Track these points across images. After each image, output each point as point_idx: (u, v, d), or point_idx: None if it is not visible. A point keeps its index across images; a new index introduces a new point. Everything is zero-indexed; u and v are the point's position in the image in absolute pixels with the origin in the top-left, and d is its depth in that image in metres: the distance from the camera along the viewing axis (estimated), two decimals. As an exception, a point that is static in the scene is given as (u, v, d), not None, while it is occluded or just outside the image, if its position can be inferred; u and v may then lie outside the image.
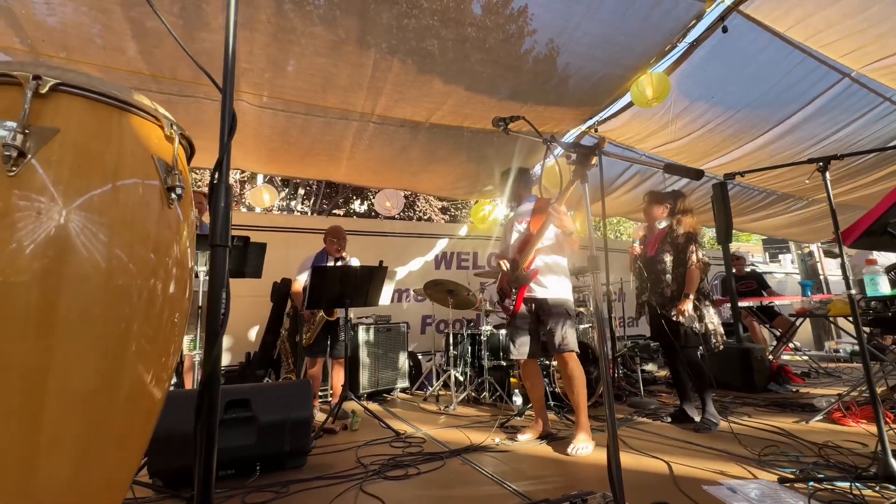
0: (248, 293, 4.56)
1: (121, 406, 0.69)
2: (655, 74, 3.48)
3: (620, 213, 7.02)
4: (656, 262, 2.91)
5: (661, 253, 2.89)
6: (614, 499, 0.96)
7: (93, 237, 0.67)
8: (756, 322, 5.33)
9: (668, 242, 2.89)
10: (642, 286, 3.03)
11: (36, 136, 0.65)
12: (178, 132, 0.82)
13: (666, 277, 2.86)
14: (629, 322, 7.47)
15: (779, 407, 3.26)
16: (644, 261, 3.02)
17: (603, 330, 1.14)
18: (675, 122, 4.19)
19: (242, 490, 1.91)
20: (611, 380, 1.09)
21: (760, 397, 3.63)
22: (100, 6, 2.53)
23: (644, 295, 3.01)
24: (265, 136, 3.83)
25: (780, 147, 4.63)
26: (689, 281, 2.77)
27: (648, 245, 3.02)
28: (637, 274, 3.09)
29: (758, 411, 3.16)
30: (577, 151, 1.24)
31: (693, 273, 2.77)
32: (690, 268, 2.77)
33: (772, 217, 7.11)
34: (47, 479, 0.61)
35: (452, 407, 3.57)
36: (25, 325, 0.60)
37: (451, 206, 12.19)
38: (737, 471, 1.97)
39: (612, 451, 0.98)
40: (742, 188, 5.88)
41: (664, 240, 2.91)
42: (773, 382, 3.98)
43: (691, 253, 2.79)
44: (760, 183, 5.74)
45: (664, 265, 2.87)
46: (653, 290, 2.94)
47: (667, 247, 2.88)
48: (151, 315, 0.75)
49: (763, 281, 5.90)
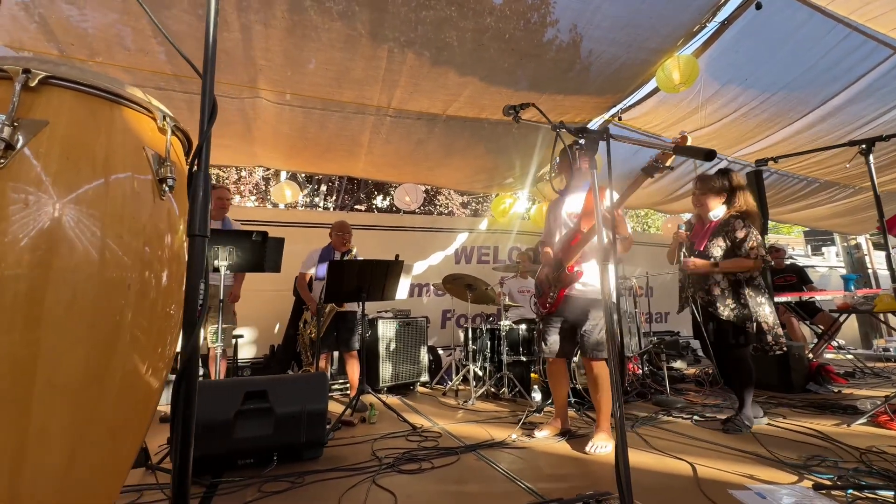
0: (271, 287, 4.68)
1: (113, 396, 0.69)
2: (683, 57, 3.31)
3: (647, 204, 6.78)
4: (705, 258, 2.61)
5: (712, 247, 2.59)
6: (621, 499, 0.91)
7: (83, 229, 0.67)
8: (794, 318, 5.04)
9: (721, 235, 2.59)
10: (686, 281, 2.76)
11: (25, 128, 0.65)
12: (171, 124, 0.82)
13: (715, 275, 2.58)
14: (656, 317, 7.23)
15: (818, 408, 3.07)
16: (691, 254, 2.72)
17: (611, 325, 1.09)
18: (705, 108, 3.98)
19: (260, 479, 1.95)
20: (619, 377, 1.03)
21: (798, 398, 3.42)
22: (126, 10, 2.61)
23: (690, 290, 2.73)
24: (284, 132, 3.89)
25: (821, 131, 4.33)
26: (734, 261, 2.49)
27: (698, 238, 2.70)
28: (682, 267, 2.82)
29: (794, 412, 2.98)
30: (584, 137, 1.18)
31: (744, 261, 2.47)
32: (746, 260, 2.47)
33: (814, 207, 6.69)
34: (38, 469, 0.62)
35: (471, 402, 3.54)
36: (13, 316, 0.60)
37: (472, 200, 12.12)
38: (768, 475, 1.86)
39: (620, 450, 0.93)
40: (780, 176, 5.55)
41: (717, 232, 2.61)
42: (813, 382, 3.75)
43: (751, 248, 2.48)
44: (800, 170, 5.40)
45: (713, 260, 2.58)
46: (699, 288, 2.66)
47: (719, 240, 2.59)
48: (145, 306, 0.75)
49: (804, 275, 5.54)
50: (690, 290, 2.73)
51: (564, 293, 2.45)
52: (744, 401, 2.55)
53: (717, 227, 2.63)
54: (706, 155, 0.94)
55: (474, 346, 4.13)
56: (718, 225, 2.63)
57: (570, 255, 2.37)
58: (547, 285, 2.55)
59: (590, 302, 2.41)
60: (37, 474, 0.62)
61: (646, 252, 7.45)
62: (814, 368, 3.84)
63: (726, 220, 2.60)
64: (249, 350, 5.02)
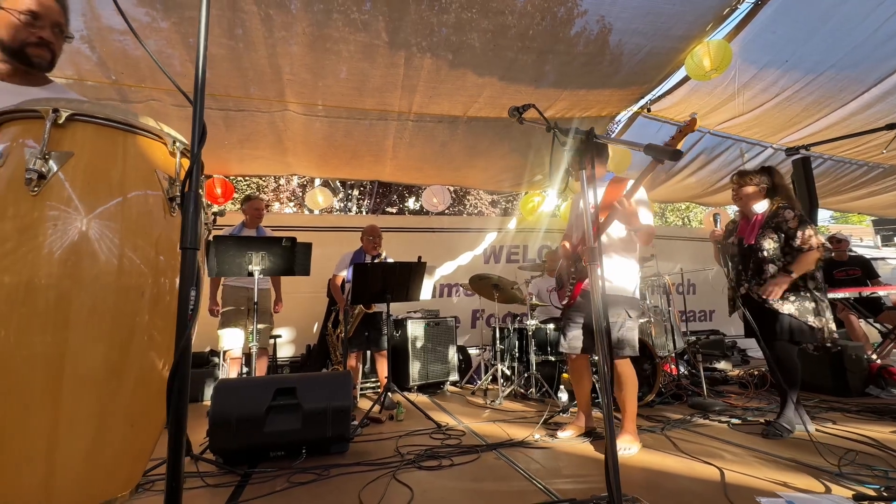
0: (307, 290, 4.90)
1: (130, 389, 0.79)
2: (713, 43, 3.15)
3: (686, 197, 6.46)
4: (758, 251, 2.52)
5: (764, 240, 2.50)
6: (609, 500, 0.90)
7: (103, 243, 0.78)
8: (855, 316, 4.62)
9: (771, 227, 2.50)
10: (738, 278, 2.64)
11: (54, 160, 0.76)
12: (180, 148, 0.92)
13: (769, 267, 2.48)
14: (700, 315, 6.88)
15: (875, 414, 2.83)
16: (741, 250, 2.63)
17: (600, 326, 1.08)
18: (743, 94, 3.76)
19: (289, 470, 2.07)
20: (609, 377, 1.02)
21: (854, 402, 3.16)
22: (168, 38, 2.85)
23: (742, 288, 2.60)
24: (313, 141, 4.08)
25: (881, 111, 3.97)
26: (801, 262, 2.37)
27: (746, 233, 2.62)
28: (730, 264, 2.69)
29: (847, 418, 2.76)
30: (574, 137, 1.17)
31: (809, 256, 2.36)
32: (809, 252, 2.37)
33: (880, 194, 6.11)
34: (69, 451, 0.72)
35: (498, 401, 3.55)
36: (45, 319, 0.71)
37: (501, 199, 12.04)
38: (804, 483, 1.75)
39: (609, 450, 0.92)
40: (834, 163, 5.12)
41: (766, 225, 2.52)
42: (873, 385, 3.45)
43: (809, 237, 2.37)
44: (858, 155, 4.96)
45: (767, 253, 2.48)
46: (752, 281, 2.55)
47: (770, 232, 2.49)
48: (160, 309, 0.84)
49: (870, 268, 5.03)
50: (743, 289, 2.59)
51: (582, 287, 2.41)
52: (787, 402, 2.41)
53: (765, 220, 2.53)
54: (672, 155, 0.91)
55: (502, 345, 4.12)
56: (766, 217, 2.53)
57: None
58: (566, 278, 2.53)
59: (609, 298, 2.35)
60: (68, 456, 0.72)
61: (686, 247, 7.10)
62: (875, 370, 3.53)
63: (774, 212, 2.51)
64: (288, 349, 5.28)
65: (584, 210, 1.17)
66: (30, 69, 1.29)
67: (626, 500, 1.52)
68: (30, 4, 1.22)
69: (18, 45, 1.23)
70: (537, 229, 6.19)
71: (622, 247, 2.39)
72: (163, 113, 3.42)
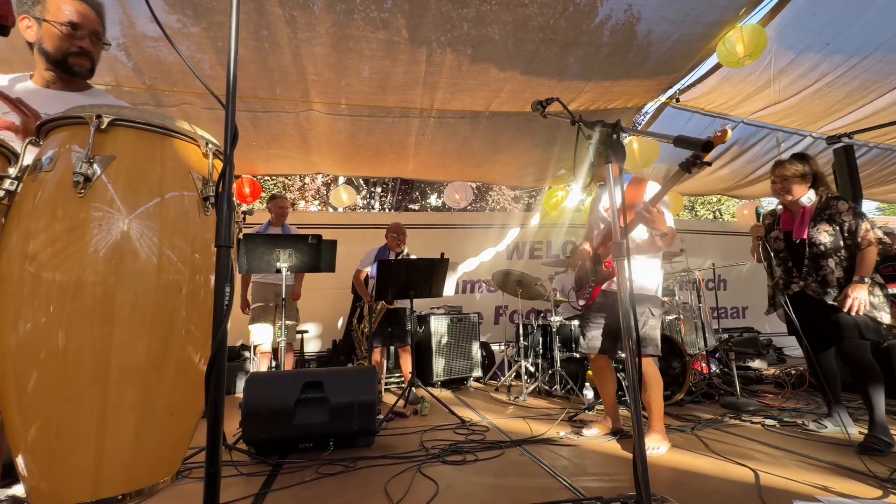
0: (332, 286, 5.01)
1: (170, 380, 0.83)
2: (747, 27, 3.01)
3: (718, 190, 6.23)
4: (813, 246, 2.37)
5: (818, 234, 2.34)
6: (637, 499, 0.89)
7: (145, 242, 0.82)
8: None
9: (824, 220, 2.35)
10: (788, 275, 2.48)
11: (98, 163, 0.81)
12: (212, 150, 0.95)
13: (828, 262, 2.32)
14: (732, 312, 6.63)
15: (927, 417, 2.66)
16: (789, 246, 2.48)
17: (628, 325, 1.05)
18: (779, 80, 3.59)
19: (318, 461, 2.13)
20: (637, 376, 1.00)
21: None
22: (198, 43, 2.95)
23: (795, 285, 2.44)
24: (336, 140, 4.14)
25: (933, 95, 3.70)
26: (864, 263, 2.22)
27: (793, 226, 2.46)
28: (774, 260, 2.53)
29: (895, 421, 2.61)
30: (599, 130, 1.15)
31: (870, 254, 2.22)
32: (868, 247, 2.22)
33: (931, 183, 5.73)
34: (115, 438, 0.77)
35: (522, 398, 3.54)
36: (92, 314, 0.75)
37: (524, 195, 11.91)
38: (847, 487, 1.67)
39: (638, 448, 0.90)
40: (881, 151, 4.83)
41: (818, 217, 2.37)
42: (924, 387, 3.24)
43: (867, 231, 2.23)
44: (907, 142, 4.65)
45: (825, 247, 2.33)
46: (809, 278, 2.38)
47: (824, 225, 2.34)
48: (196, 304, 0.88)
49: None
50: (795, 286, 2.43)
51: (601, 289, 2.37)
52: (875, 407, 2.16)
53: (816, 212, 2.36)
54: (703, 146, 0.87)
55: (525, 342, 4.10)
56: (817, 209, 2.37)
57: (607, 251, 2.30)
58: (585, 280, 2.49)
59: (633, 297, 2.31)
60: (115, 443, 0.77)
61: (717, 242, 6.85)
62: (926, 371, 3.31)
63: (826, 203, 2.35)
64: (315, 344, 5.41)
65: (611, 205, 1.15)
66: (72, 77, 1.37)
67: (655, 499, 1.49)
68: (70, 16, 1.29)
69: (62, 56, 1.31)
70: (560, 224, 6.10)
71: (645, 248, 2.34)
72: (194, 115, 3.54)
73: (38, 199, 0.79)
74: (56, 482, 0.74)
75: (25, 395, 0.73)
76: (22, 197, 0.82)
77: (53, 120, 0.85)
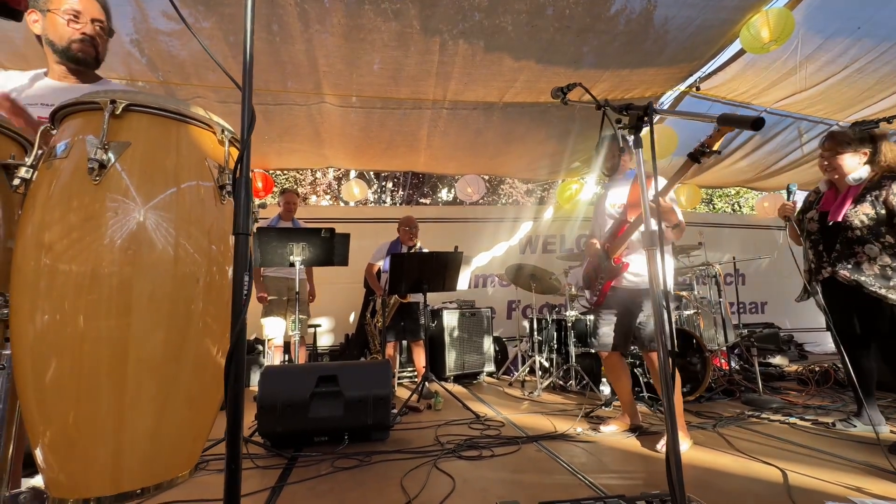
0: (345, 280, 5.00)
1: (188, 372, 0.81)
2: (773, 11, 2.90)
3: (738, 182, 6.06)
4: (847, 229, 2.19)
5: (855, 216, 2.15)
6: (672, 499, 0.85)
7: (161, 232, 0.79)
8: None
9: (868, 202, 2.14)
10: (819, 259, 2.33)
11: (113, 150, 0.78)
12: (228, 136, 0.92)
13: (865, 248, 2.13)
14: (750, 307, 6.48)
15: (961, 416, 2.56)
16: (822, 227, 2.30)
17: (661, 317, 1.00)
18: (806, 67, 3.45)
19: (333, 455, 2.13)
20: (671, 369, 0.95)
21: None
22: (211, 36, 2.93)
23: (825, 271, 2.28)
24: (349, 133, 4.11)
25: (970, 79, 3.53)
26: None
27: (832, 207, 2.27)
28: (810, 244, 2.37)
29: (927, 419, 2.51)
30: (628, 114, 1.09)
31: None
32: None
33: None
34: (134, 431, 0.75)
35: (536, 393, 3.50)
36: (110, 305, 0.73)
37: (536, 188, 11.80)
38: (882, 489, 1.60)
39: (671, 447, 0.86)
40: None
41: (861, 197, 2.17)
42: (957, 385, 3.12)
43: None
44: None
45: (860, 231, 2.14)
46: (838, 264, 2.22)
47: (866, 206, 2.14)
48: (213, 296, 0.86)
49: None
50: (827, 271, 2.26)
51: (611, 285, 2.33)
52: None
53: (861, 191, 2.16)
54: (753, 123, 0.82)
55: (539, 336, 4.05)
56: (864, 188, 2.16)
57: (616, 246, 2.26)
58: (594, 277, 2.46)
59: (643, 293, 2.27)
60: (134, 436, 0.75)
61: (735, 235, 6.69)
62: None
63: (877, 182, 2.13)
64: (328, 338, 5.43)
65: (642, 193, 1.10)
66: (79, 67, 1.38)
67: (680, 499, 1.44)
68: (71, 3, 1.32)
69: (66, 44, 1.33)
70: (574, 218, 6.01)
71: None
72: (207, 109, 3.54)
73: (52, 188, 0.77)
74: (75, 475, 0.72)
75: (44, 388, 0.72)
76: (37, 185, 0.80)
77: (67, 106, 0.83)
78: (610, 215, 2.41)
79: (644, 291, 2.28)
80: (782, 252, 6.23)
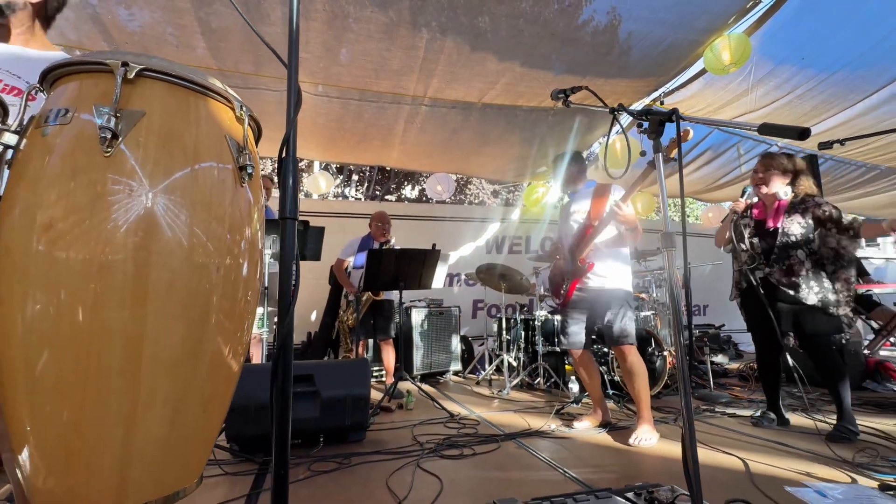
0: (308, 276, 4.80)
1: (204, 372, 0.73)
2: (734, 36, 3.13)
3: (687, 193, 6.51)
4: (783, 235, 2.45)
5: (790, 224, 2.43)
6: (691, 495, 0.89)
7: (175, 215, 0.71)
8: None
9: (798, 213, 2.43)
10: (752, 261, 2.56)
11: (126, 119, 0.69)
12: (247, 113, 0.85)
13: (797, 253, 2.40)
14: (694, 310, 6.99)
15: (877, 407, 2.92)
16: (760, 233, 2.55)
17: (679, 317, 1.05)
18: (756, 90, 3.77)
19: (308, 459, 2.03)
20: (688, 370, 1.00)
21: (854, 396, 3.24)
22: (173, 7, 2.70)
23: (758, 272, 2.53)
24: (321, 123, 3.96)
25: (887, 112, 4.02)
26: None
27: (767, 216, 2.55)
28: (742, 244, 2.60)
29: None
30: (648, 119, 1.14)
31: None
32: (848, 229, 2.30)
33: (871, 195, 6.25)
34: (145, 434, 0.66)
35: (506, 391, 3.55)
36: (123, 294, 0.65)
37: (503, 190, 12.01)
38: (827, 473, 1.78)
39: (688, 443, 0.90)
40: (835, 163, 5.21)
41: (793, 209, 2.46)
42: (870, 380, 3.55)
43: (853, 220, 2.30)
44: (860, 156, 5.04)
45: (794, 237, 2.41)
46: (775, 265, 2.46)
47: (798, 217, 2.43)
48: (227, 291, 0.78)
49: (860, 266, 5.19)
50: (760, 273, 2.51)
51: (577, 285, 2.45)
52: (843, 400, 2.29)
53: (790, 205, 2.48)
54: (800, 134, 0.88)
55: (508, 335, 4.12)
56: (792, 203, 2.48)
57: (582, 247, 2.41)
58: (560, 278, 2.58)
59: (608, 293, 2.42)
60: (144, 439, 0.66)
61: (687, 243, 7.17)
62: (872, 366, 3.63)
63: (802, 199, 2.46)
64: (288, 336, 5.19)
65: (661, 195, 1.14)
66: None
67: (663, 488, 1.52)
68: None
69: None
70: (541, 221, 6.18)
71: (614, 245, 2.46)
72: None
73: (49, 159, 0.67)
74: (76, 488, 0.63)
75: (39, 388, 0.62)
76: (26, 156, 0.69)
77: (65, 66, 0.72)
78: (575, 221, 2.55)
79: (609, 291, 2.42)
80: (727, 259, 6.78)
